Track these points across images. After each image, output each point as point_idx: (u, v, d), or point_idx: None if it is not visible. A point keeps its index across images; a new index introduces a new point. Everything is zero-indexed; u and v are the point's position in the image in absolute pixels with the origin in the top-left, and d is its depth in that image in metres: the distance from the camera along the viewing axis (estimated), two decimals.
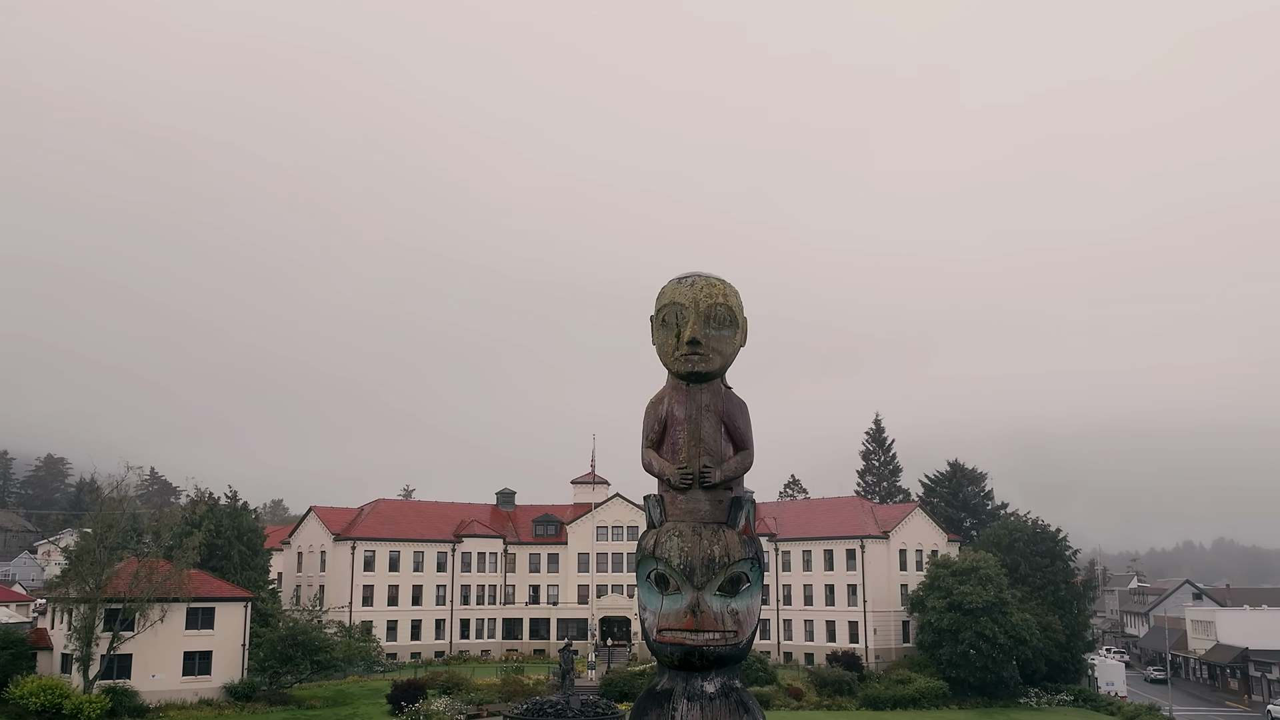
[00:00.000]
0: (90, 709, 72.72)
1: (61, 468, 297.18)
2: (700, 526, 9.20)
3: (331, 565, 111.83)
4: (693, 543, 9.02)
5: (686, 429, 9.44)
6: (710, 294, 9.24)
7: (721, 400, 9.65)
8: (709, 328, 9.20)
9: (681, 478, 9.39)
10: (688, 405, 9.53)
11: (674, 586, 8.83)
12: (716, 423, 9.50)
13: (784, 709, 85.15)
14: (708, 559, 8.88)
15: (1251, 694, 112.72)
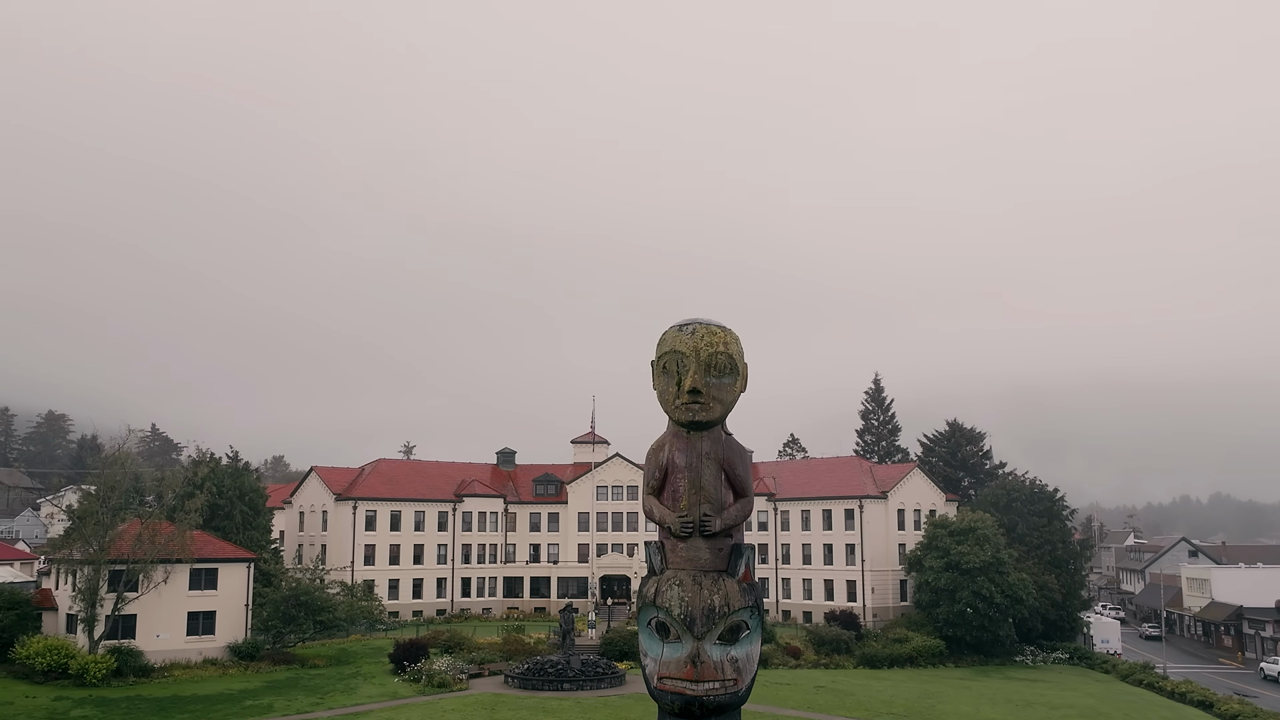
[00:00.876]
0: (96, 669, 73.48)
1: (63, 424, 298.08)
2: (701, 575, 9.27)
3: (333, 525, 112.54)
4: (693, 592, 9.09)
5: (687, 477, 9.53)
6: (711, 342, 9.35)
7: (722, 448, 9.73)
8: (709, 376, 9.30)
9: (682, 526, 9.47)
10: (688, 453, 9.62)
11: (674, 635, 8.89)
12: (717, 470, 9.59)
13: (782, 668, 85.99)
14: (708, 609, 8.96)
15: (1245, 651, 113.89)
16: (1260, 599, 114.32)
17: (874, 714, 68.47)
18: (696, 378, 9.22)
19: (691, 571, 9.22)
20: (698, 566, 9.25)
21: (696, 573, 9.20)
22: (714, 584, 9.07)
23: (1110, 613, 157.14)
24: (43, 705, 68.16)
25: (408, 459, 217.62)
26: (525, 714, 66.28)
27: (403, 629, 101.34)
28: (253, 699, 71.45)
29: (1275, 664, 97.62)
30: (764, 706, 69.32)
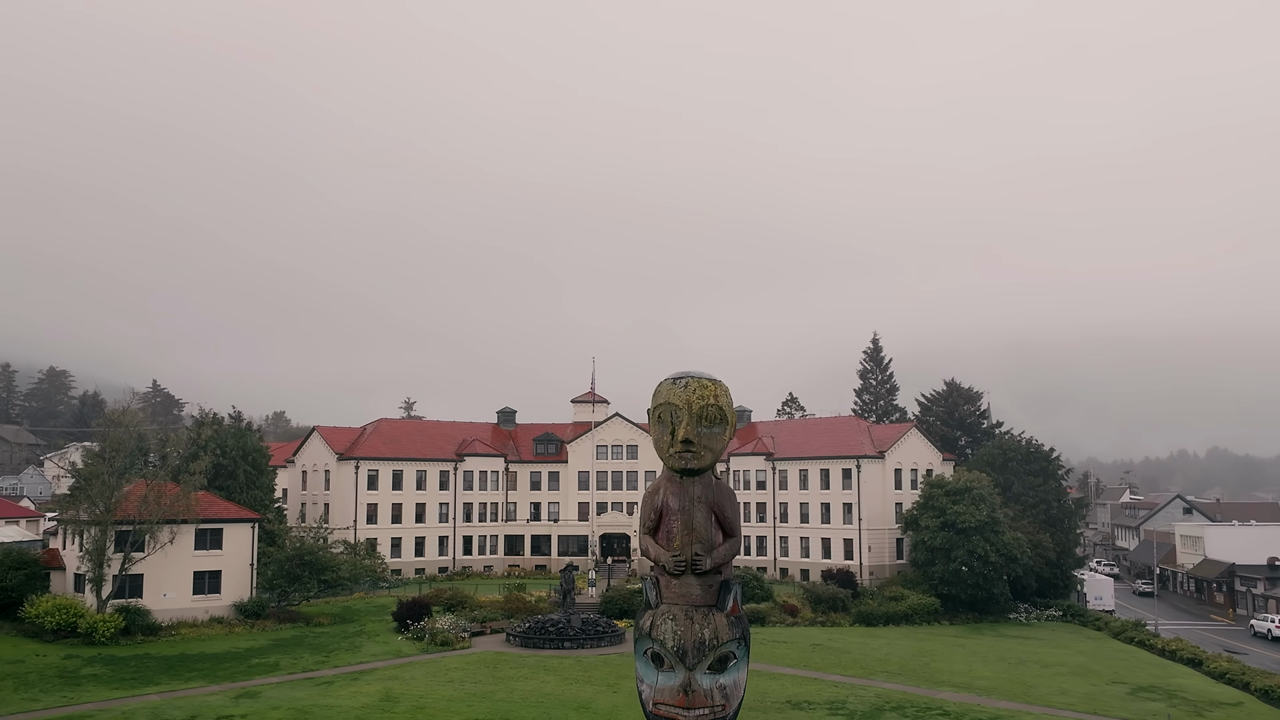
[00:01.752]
0: (105, 627, 74.80)
1: (64, 381, 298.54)
2: (692, 610, 9.88)
3: (335, 484, 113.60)
4: (685, 626, 9.72)
5: (680, 519, 10.08)
6: (703, 395, 9.92)
7: (712, 491, 10.28)
8: (701, 426, 9.87)
9: (676, 565, 10.08)
10: (681, 497, 10.17)
11: (668, 665, 9.56)
12: (708, 513, 10.14)
13: (779, 625, 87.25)
14: (699, 642, 9.59)
15: (1236, 608, 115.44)
16: (1252, 556, 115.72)
17: (869, 672, 69.76)
18: (689, 429, 9.83)
19: (684, 606, 9.82)
20: (690, 601, 9.85)
21: (689, 607, 9.80)
22: (705, 618, 9.68)
23: (1105, 569, 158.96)
24: (53, 663, 69.48)
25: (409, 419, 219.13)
26: (527, 672, 67.62)
27: (405, 587, 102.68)
28: (259, 657, 72.80)
29: (1265, 621, 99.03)
30: (761, 665, 70.58)
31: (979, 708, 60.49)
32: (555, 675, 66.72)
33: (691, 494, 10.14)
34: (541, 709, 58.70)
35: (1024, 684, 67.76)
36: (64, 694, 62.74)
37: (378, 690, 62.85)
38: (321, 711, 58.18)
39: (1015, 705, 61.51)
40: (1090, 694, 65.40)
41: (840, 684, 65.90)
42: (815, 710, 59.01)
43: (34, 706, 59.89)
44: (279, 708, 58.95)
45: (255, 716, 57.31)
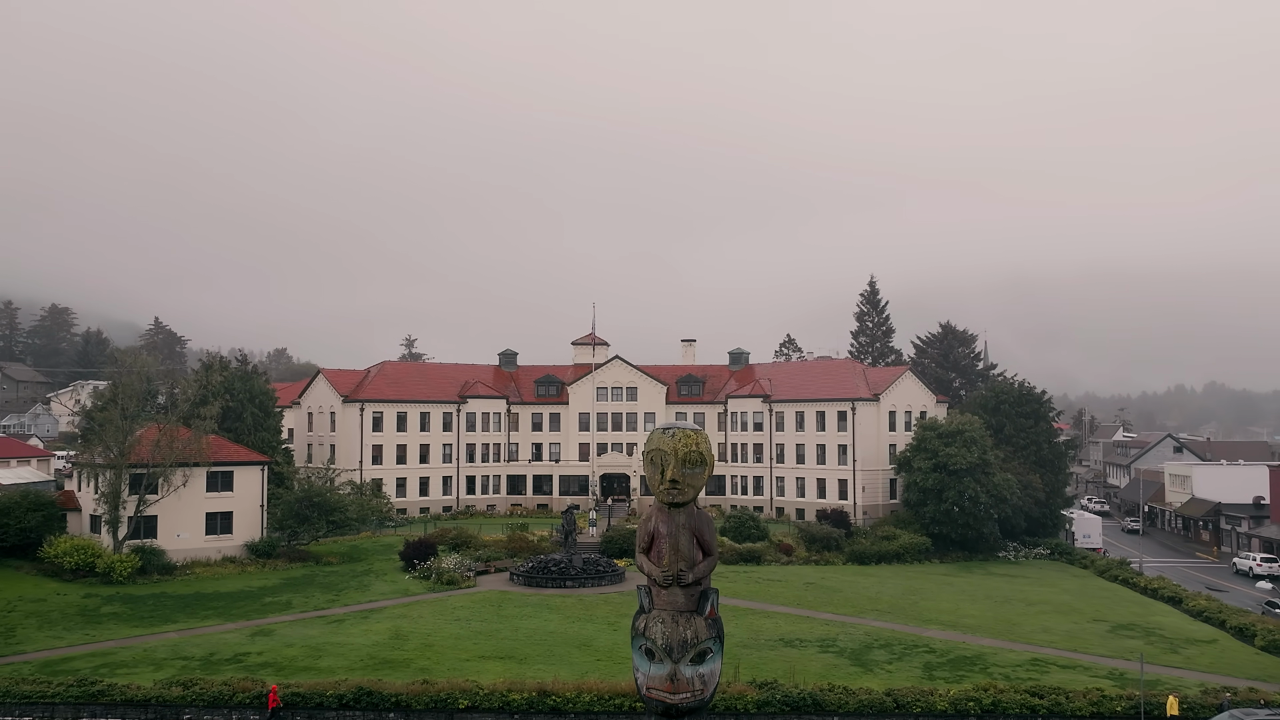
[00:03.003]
0: (122, 567, 77.45)
1: (66, 318, 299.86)
2: (678, 615, 11.95)
3: (341, 425, 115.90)
4: (672, 628, 11.79)
5: (668, 542, 12.13)
6: (687, 443, 12.05)
7: (694, 519, 12.39)
8: (685, 468, 11.96)
9: (665, 578, 12.09)
10: (669, 524, 12.22)
11: (658, 658, 11.64)
12: (690, 537, 12.23)
13: (774, 564, 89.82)
14: (682, 640, 11.69)
15: (1221, 546, 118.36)
16: (1238, 496, 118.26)
17: (859, 610, 72.40)
18: (675, 471, 11.93)
19: (671, 611, 11.94)
20: (675, 607, 11.97)
21: (675, 612, 11.93)
22: (687, 621, 11.83)
23: (1096, 506, 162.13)
24: (74, 602, 72.18)
25: (412, 361, 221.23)
26: (531, 611, 70.28)
27: (411, 526, 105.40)
28: (272, 596, 75.50)
29: (1247, 559, 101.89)
30: (756, 603, 73.31)
31: (963, 645, 63.18)
32: (558, 614, 69.34)
33: (677, 521, 12.17)
34: (545, 646, 61.33)
35: (1008, 622, 70.43)
36: (86, 632, 65.45)
37: (387, 628, 65.50)
38: (334, 649, 60.85)
39: (998, 643, 64.19)
40: (1071, 631, 68.07)
41: (832, 622, 68.53)
42: (807, 648, 61.64)
43: (58, 644, 62.60)
44: (293, 645, 61.65)
45: (271, 653, 60.00)
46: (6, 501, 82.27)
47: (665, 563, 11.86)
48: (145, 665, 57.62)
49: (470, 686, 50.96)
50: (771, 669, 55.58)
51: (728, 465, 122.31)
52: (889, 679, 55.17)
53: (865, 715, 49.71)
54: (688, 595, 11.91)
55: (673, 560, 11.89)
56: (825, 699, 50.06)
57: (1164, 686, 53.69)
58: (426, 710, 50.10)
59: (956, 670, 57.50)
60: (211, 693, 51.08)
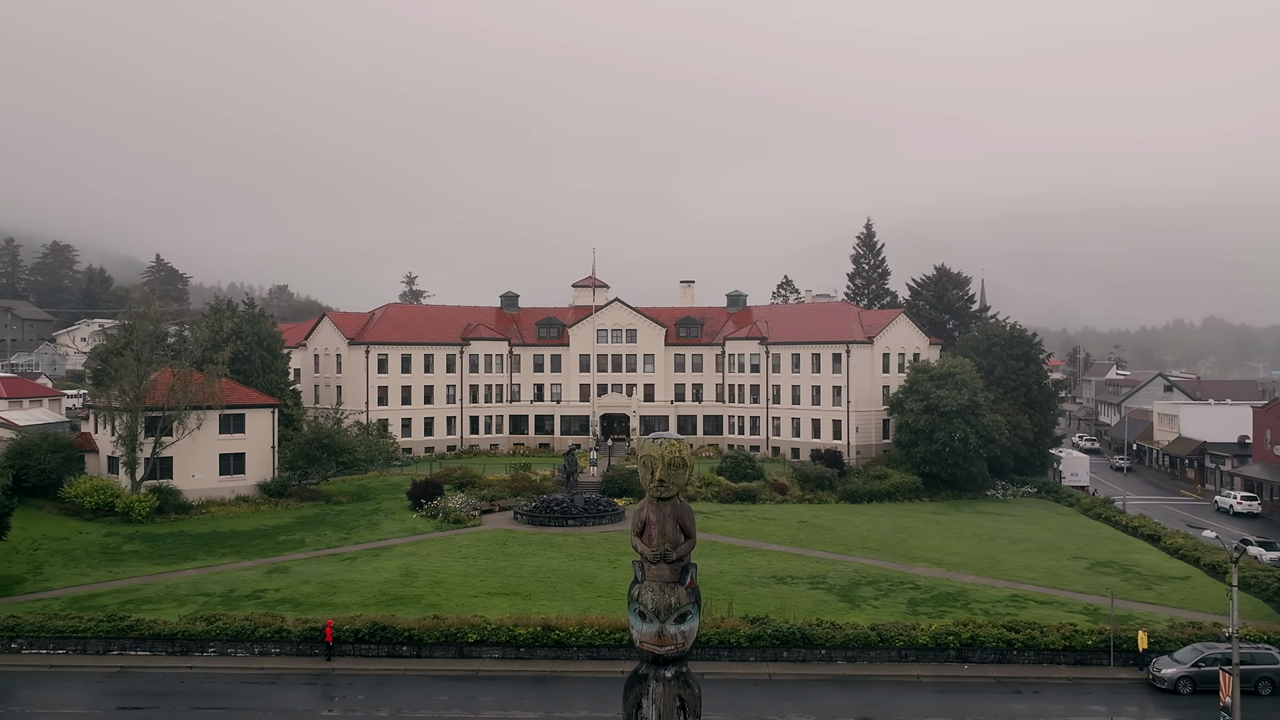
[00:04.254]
0: (140, 507, 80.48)
1: (68, 255, 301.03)
2: (664, 585, 14.58)
3: (347, 367, 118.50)
4: (659, 595, 14.42)
5: (657, 527, 14.71)
6: (671, 451, 14.68)
7: (677, 509, 14.99)
8: (670, 470, 14.51)
9: (654, 556, 14.66)
10: (658, 513, 14.80)
11: (649, 619, 14.28)
12: (675, 523, 14.80)
13: (769, 503, 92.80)
14: (668, 605, 14.35)
15: (1205, 484, 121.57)
16: (1223, 435, 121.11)
17: (850, 548, 75.47)
18: (662, 472, 14.56)
19: (659, 582, 14.57)
20: (663, 579, 14.59)
21: (662, 583, 14.54)
22: (672, 590, 14.49)
23: (1087, 443, 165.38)
24: (96, 540, 75.31)
25: (414, 299, 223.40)
26: (534, 549, 73.36)
27: (417, 465, 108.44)
28: (285, 534, 78.60)
29: (1228, 498, 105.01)
30: (750, 541, 76.41)
31: (946, 582, 66.29)
32: (561, 552, 72.42)
33: (664, 511, 14.77)
34: (549, 583, 64.44)
35: (991, 559, 73.53)
36: (109, 569, 68.58)
37: (398, 566, 68.58)
38: (348, 585, 63.94)
39: (981, 579, 67.29)
40: (1051, 569, 71.15)
41: (822, 560, 71.61)
42: (798, 584, 64.74)
43: (84, 581, 65.74)
44: (308, 582, 64.75)
45: (288, 590, 63.11)
46: (27, 443, 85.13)
47: (654, 544, 14.51)
48: (169, 601, 60.74)
49: (479, 621, 54.01)
50: (764, 605, 58.65)
51: (725, 406, 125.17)
52: (875, 614, 58.27)
53: (851, 649, 52.84)
54: (672, 569, 14.59)
55: (660, 542, 14.52)
56: (813, 634, 53.13)
57: (1135, 621, 56.77)
58: (437, 644, 53.21)
59: (939, 606, 60.60)
60: (234, 628, 54.15)
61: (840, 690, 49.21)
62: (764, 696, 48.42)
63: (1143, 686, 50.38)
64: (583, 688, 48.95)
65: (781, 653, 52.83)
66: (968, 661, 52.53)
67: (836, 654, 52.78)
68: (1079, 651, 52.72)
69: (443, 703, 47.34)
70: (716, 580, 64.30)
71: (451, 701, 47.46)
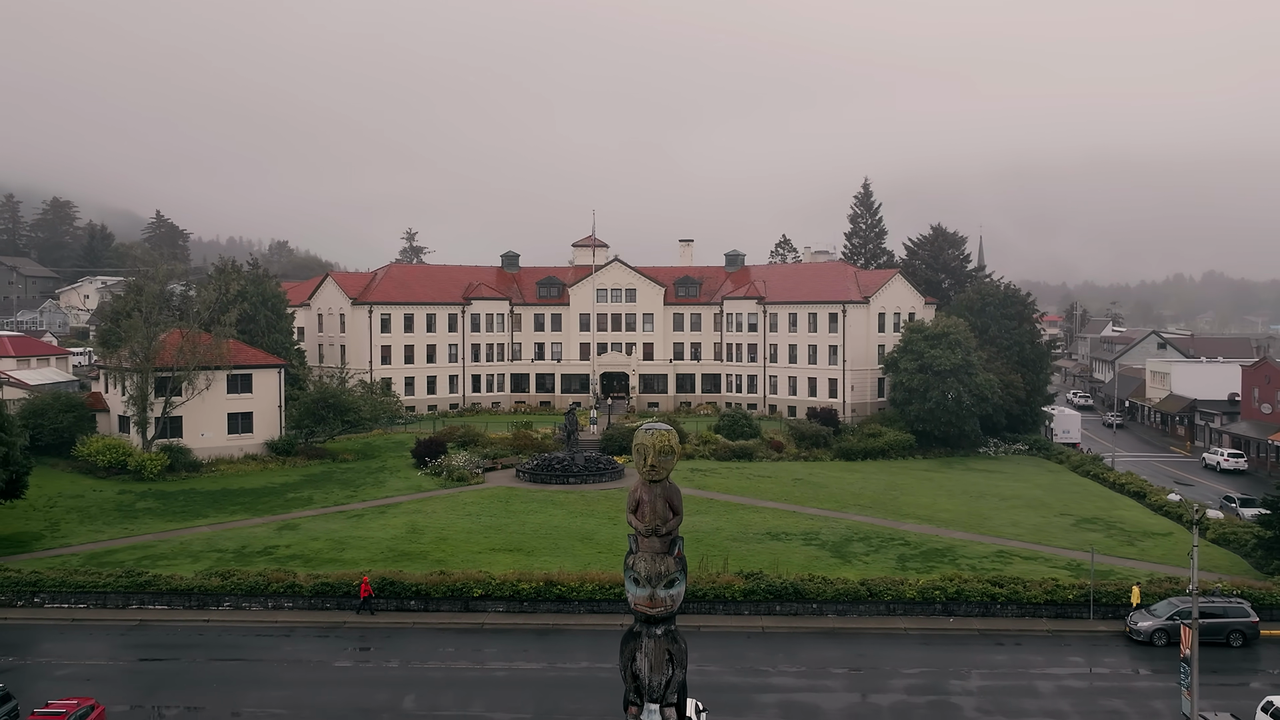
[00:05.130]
0: (152, 465, 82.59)
1: (69, 211, 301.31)
2: (655, 555, 16.48)
3: (350, 327, 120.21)
4: (651, 564, 16.33)
5: (649, 506, 16.56)
6: (661, 440, 16.46)
7: (666, 490, 16.84)
8: (659, 457, 16.30)
9: (646, 530, 16.51)
10: (650, 493, 16.65)
11: (642, 584, 16.17)
12: (664, 503, 16.66)
13: (765, 460, 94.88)
14: (658, 573, 16.28)
15: (1194, 441, 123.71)
16: (1214, 392, 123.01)
17: (843, 505, 77.63)
18: (654, 458, 16.35)
19: (650, 553, 16.43)
20: (654, 550, 16.49)
21: (653, 554, 16.41)
22: (661, 560, 16.41)
23: (1081, 400, 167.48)
24: (110, 497, 77.50)
25: (415, 257, 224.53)
26: (536, 506, 75.51)
27: (420, 423, 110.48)
28: (294, 492, 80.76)
29: (1215, 454, 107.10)
30: (746, 499, 78.56)
31: (935, 538, 68.47)
32: (562, 509, 74.57)
33: (655, 492, 16.60)
34: (551, 540, 66.63)
35: (980, 516, 75.66)
36: (124, 526, 70.78)
37: (404, 523, 70.75)
38: (356, 542, 66.14)
39: (969, 536, 69.47)
40: (1038, 525, 73.31)
41: (816, 516, 73.77)
42: (792, 540, 66.90)
43: (100, 537, 67.96)
44: (318, 539, 66.95)
45: (298, 546, 65.31)
46: (39, 403, 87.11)
47: (647, 520, 16.42)
48: (183, 557, 62.97)
49: (483, 577, 56.19)
50: (758, 561, 60.85)
51: (723, 365, 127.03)
52: (865, 570, 60.48)
53: (841, 603, 55.04)
54: (662, 542, 16.51)
55: (651, 519, 16.43)
56: (805, 588, 55.32)
57: (1117, 576, 58.99)
58: (444, 599, 55.41)
59: (928, 562, 62.80)
60: (248, 583, 56.32)
61: (830, 642, 51.40)
62: (758, 648, 50.60)
63: (1120, 639, 52.60)
64: (583, 640, 51.15)
65: (775, 606, 55.01)
66: (953, 615, 54.75)
67: (827, 608, 54.98)
68: (1060, 605, 54.93)
69: (450, 654, 49.56)
70: (713, 536, 66.51)
71: (458, 653, 49.68)
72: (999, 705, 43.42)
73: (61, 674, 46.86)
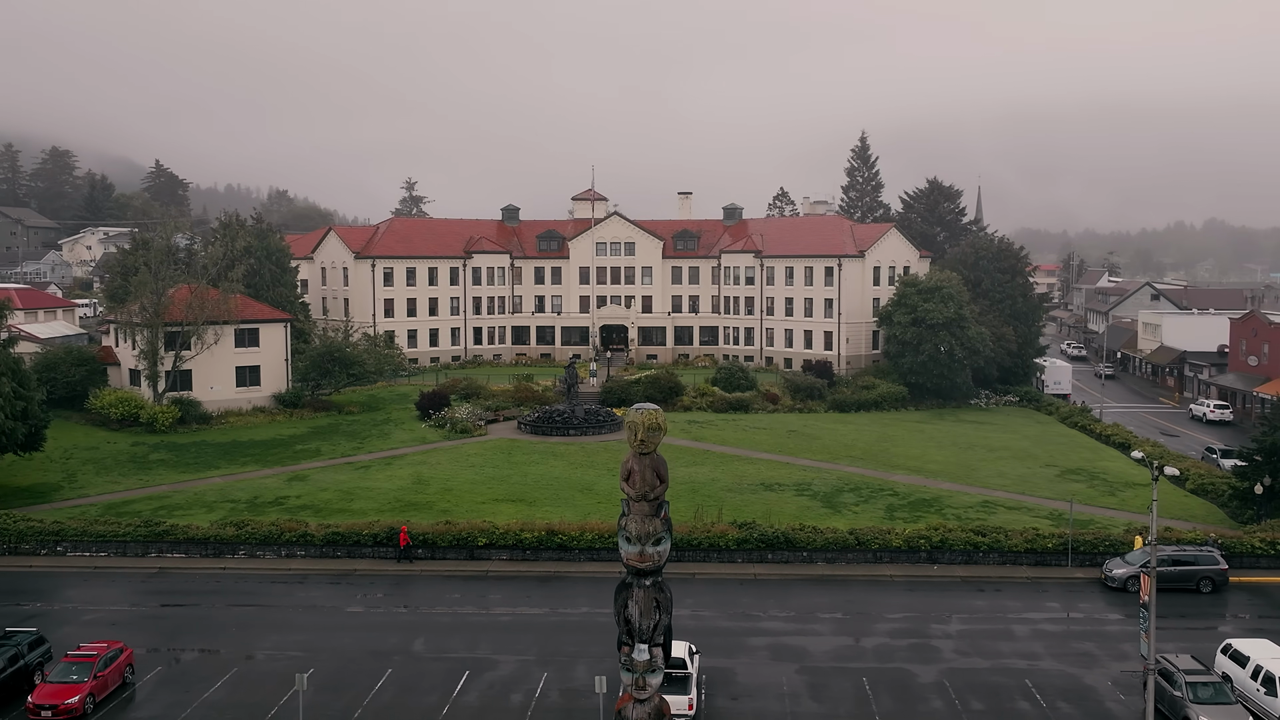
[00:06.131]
0: (164, 417, 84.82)
1: (68, 160, 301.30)
2: (644, 517, 18.63)
3: (354, 280, 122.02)
4: (641, 525, 18.50)
5: (639, 474, 18.63)
6: (650, 418, 18.56)
7: (654, 461, 18.93)
8: (648, 433, 18.36)
9: (637, 496, 18.62)
10: (640, 464, 18.76)
11: (633, 542, 18.34)
12: (653, 472, 18.79)
13: (761, 412, 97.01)
14: (647, 533, 18.49)
15: (1183, 392, 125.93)
16: (1204, 344, 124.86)
17: (835, 456, 79.91)
18: (644, 434, 18.40)
19: (640, 515, 18.56)
20: (643, 513, 18.60)
21: (643, 516, 18.53)
22: (650, 521, 18.60)
23: (1074, 351, 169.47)
24: (124, 449, 79.82)
25: (416, 208, 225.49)
26: (538, 458, 77.84)
27: (423, 375, 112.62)
28: (301, 444, 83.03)
29: (1202, 405, 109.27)
30: (742, 450, 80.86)
31: (923, 489, 70.86)
32: (562, 460, 76.90)
33: (645, 463, 18.65)
34: (552, 490, 69.03)
35: (968, 467, 77.98)
36: (140, 477, 73.15)
37: (409, 474, 73.10)
38: (364, 492, 68.54)
39: (956, 486, 71.84)
40: (1024, 476, 75.65)
41: (808, 468, 76.09)
42: (784, 491, 69.28)
43: (116, 488, 70.36)
44: (327, 489, 69.35)
45: (308, 496, 67.73)
46: (52, 357, 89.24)
47: (637, 487, 18.53)
48: (198, 507, 65.39)
49: (487, 526, 58.60)
50: (751, 511, 63.26)
51: (721, 317, 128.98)
52: (854, 520, 62.89)
53: (830, 551, 57.50)
54: (650, 505, 18.66)
55: (641, 486, 18.57)
56: (796, 537, 57.75)
57: (1096, 525, 61.40)
58: (450, 547, 57.85)
59: (915, 511, 65.23)
60: (261, 532, 58.74)
61: (819, 589, 53.88)
62: (750, 594, 53.10)
63: (1096, 585, 55.08)
64: (583, 586, 53.64)
65: (767, 555, 57.47)
66: (937, 563, 57.22)
67: (817, 556, 57.45)
68: (1039, 554, 57.38)
69: (456, 600, 52.08)
70: (709, 488, 68.91)
71: (464, 599, 52.20)
72: (976, 647, 45.94)
73: (88, 619, 49.38)
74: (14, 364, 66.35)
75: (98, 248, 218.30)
